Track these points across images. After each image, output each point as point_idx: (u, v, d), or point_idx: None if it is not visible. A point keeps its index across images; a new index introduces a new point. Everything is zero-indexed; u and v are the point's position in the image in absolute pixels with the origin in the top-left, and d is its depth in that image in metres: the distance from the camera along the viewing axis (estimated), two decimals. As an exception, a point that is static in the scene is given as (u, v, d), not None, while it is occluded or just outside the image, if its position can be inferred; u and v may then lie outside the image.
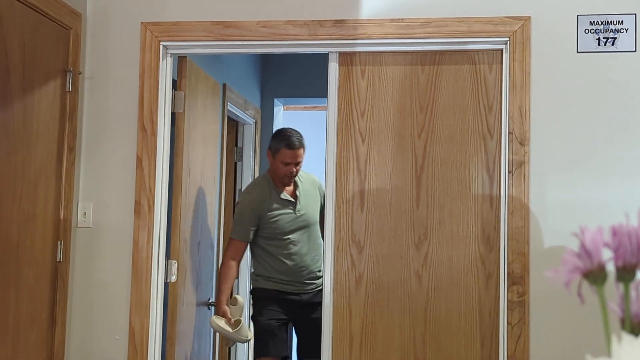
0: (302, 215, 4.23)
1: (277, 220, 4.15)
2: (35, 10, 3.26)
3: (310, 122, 6.72)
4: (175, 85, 3.92)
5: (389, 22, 3.55)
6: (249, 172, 5.95)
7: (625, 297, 0.83)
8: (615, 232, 0.85)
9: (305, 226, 4.25)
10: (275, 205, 4.16)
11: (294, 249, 4.20)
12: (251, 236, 4.19)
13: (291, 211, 4.19)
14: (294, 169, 4.19)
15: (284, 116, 6.64)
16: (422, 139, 3.62)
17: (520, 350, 3.37)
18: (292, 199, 4.22)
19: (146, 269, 3.60)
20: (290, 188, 4.27)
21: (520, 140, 3.41)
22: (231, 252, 4.15)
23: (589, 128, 3.40)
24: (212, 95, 4.63)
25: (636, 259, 0.84)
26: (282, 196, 4.18)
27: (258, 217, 4.13)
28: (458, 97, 3.60)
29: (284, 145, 4.15)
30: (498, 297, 3.49)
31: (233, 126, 5.84)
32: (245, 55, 5.77)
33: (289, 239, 4.18)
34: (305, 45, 3.69)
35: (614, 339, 0.77)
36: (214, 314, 4.18)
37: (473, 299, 3.54)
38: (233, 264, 4.16)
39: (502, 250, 3.46)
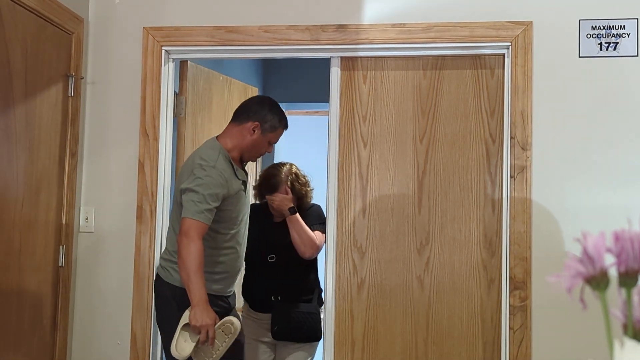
0: (247, 198, 3.44)
1: (236, 202, 3.27)
2: (38, 15, 3.27)
3: (312, 127, 6.72)
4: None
5: (390, 27, 3.55)
6: (251, 177, 5.93)
7: (628, 302, 0.83)
8: (617, 238, 0.84)
9: (248, 209, 3.44)
10: (235, 184, 3.27)
11: (241, 237, 3.37)
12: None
13: (243, 191, 3.35)
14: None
15: (285, 121, 6.63)
16: (424, 143, 3.62)
17: (522, 355, 3.36)
18: (245, 179, 3.39)
19: (148, 274, 3.60)
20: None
21: (522, 145, 3.41)
22: (199, 233, 3.09)
23: (591, 133, 3.39)
24: (241, 98, 4.54)
25: (638, 265, 0.83)
26: (239, 174, 3.31)
27: (224, 197, 3.20)
28: (460, 102, 3.60)
29: (283, 125, 3.42)
30: (500, 302, 3.48)
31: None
32: (247, 60, 5.77)
33: (238, 227, 3.33)
34: (307, 50, 3.69)
35: (616, 344, 0.76)
36: (202, 319, 3.03)
37: (475, 304, 3.53)
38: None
39: (504, 255, 3.46)
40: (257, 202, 3.90)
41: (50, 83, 3.42)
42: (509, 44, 3.47)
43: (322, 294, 3.77)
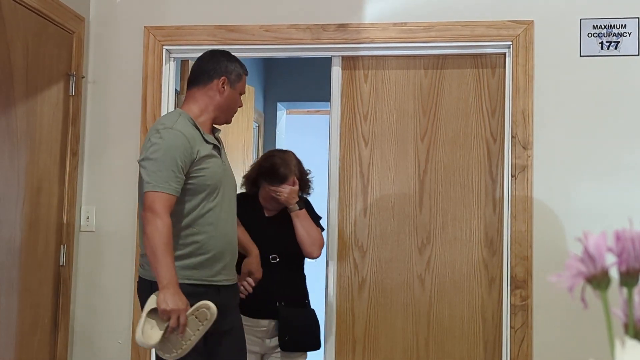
0: (227, 167, 2.98)
1: (208, 167, 2.80)
2: (39, 15, 3.27)
3: (313, 126, 6.72)
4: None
5: (392, 26, 3.55)
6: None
7: (629, 301, 0.83)
8: (618, 237, 0.84)
9: (232, 183, 3.00)
10: (204, 147, 2.82)
11: (223, 212, 2.88)
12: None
13: (218, 157, 2.90)
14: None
15: (287, 120, 6.65)
16: (425, 143, 3.62)
17: (523, 354, 3.36)
18: (217, 143, 2.95)
19: (149, 273, 3.60)
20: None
21: (524, 144, 3.41)
22: (166, 206, 2.67)
23: (592, 132, 3.39)
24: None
25: (639, 264, 0.83)
26: (207, 138, 2.86)
27: (190, 162, 2.75)
28: (461, 101, 3.60)
29: (244, 71, 3.02)
30: (501, 301, 3.48)
31: (236, 130, 5.84)
32: (248, 59, 5.78)
33: (218, 194, 2.84)
34: (309, 49, 3.69)
35: (617, 343, 0.76)
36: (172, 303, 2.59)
37: (476, 303, 3.53)
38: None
39: (505, 254, 3.46)
40: (245, 191, 3.42)
41: (51, 82, 3.42)
42: (510, 43, 3.47)
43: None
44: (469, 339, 3.53)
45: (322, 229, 3.43)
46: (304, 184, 3.39)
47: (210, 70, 2.93)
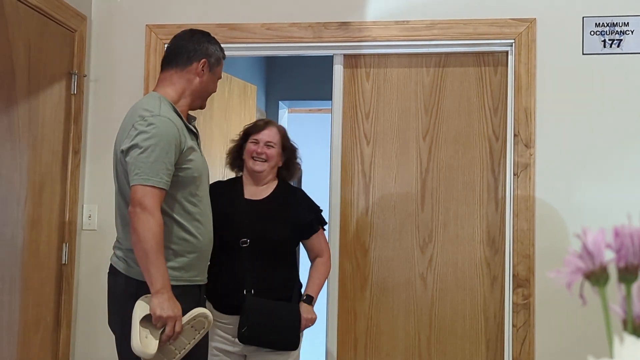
0: (204, 159, 2.80)
1: (193, 158, 2.64)
2: (41, 13, 3.27)
3: (315, 125, 6.72)
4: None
5: (393, 24, 3.55)
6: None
7: (627, 298, 0.83)
8: (617, 233, 0.84)
9: (208, 175, 2.81)
10: (188, 136, 2.65)
11: (207, 208, 2.75)
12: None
13: (198, 149, 2.74)
14: None
15: (288, 119, 6.64)
16: (427, 141, 3.61)
17: (526, 353, 3.36)
18: (196, 132, 2.79)
19: (151, 272, 3.60)
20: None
21: (526, 143, 3.40)
22: (157, 202, 2.48)
23: (595, 130, 3.39)
24: (240, 96, 4.65)
25: (638, 260, 0.83)
26: (189, 126, 2.71)
27: (180, 152, 2.57)
28: (463, 99, 3.60)
29: (224, 55, 2.86)
30: (503, 299, 3.48)
31: (238, 129, 5.86)
32: (250, 57, 5.77)
33: (201, 188, 2.69)
34: (310, 48, 3.69)
35: (616, 340, 0.76)
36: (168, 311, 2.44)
37: (478, 302, 3.53)
38: None
39: (507, 252, 3.45)
40: (229, 178, 3.31)
41: (53, 81, 3.42)
42: (513, 41, 3.46)
43: (302, 290, 3.12)
44: (470, 337, 3.53)
45: (325, 223, 3.23)
46: (290, 163, 3.24)
47: (190, 51, 2.74)
